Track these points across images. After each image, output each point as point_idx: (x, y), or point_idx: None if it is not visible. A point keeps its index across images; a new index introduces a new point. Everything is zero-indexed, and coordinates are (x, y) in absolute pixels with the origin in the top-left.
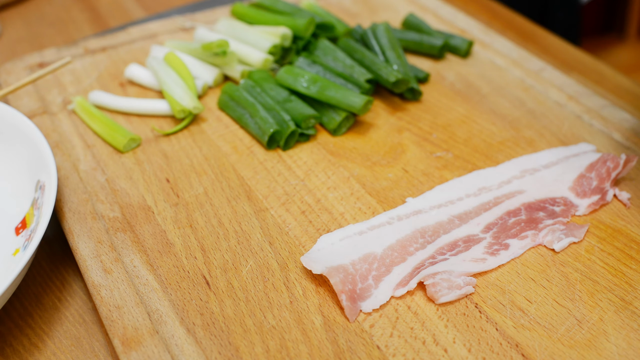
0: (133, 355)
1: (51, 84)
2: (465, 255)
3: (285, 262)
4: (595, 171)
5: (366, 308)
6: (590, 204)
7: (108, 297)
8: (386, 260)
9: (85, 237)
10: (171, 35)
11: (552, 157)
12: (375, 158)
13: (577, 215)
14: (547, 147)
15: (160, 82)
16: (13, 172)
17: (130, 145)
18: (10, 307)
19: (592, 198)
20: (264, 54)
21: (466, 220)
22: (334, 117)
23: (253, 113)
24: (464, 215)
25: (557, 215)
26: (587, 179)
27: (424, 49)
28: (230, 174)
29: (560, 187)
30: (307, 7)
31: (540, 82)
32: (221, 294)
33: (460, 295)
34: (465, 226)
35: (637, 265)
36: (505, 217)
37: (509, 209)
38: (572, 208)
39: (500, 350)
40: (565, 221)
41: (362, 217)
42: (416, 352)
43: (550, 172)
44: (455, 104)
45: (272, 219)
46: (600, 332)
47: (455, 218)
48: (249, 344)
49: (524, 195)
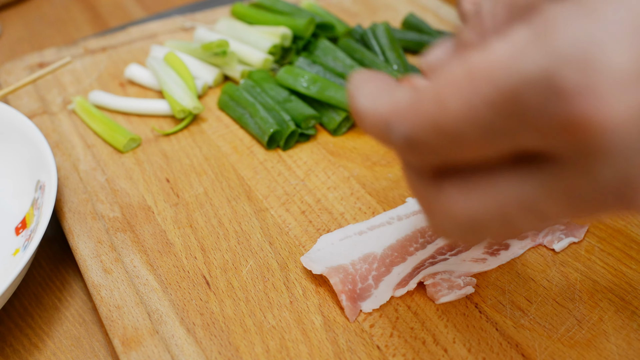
0: (133, 355)
1: (51, 84)
2: (465, 255)
3: (285, 262)
4: None
5: (366, 308)
6: None
7: (108, 297)
8: (386, 260)
9: (85, 237)
10: (171, 35)
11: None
12: (375, 158)
13: None
14: None
15: (160, 82)
16: (13, 172)
17: (130, 145)
18: (10, 307)
19: None
20: (264, 54)
21: None
22: (334, 117)
23: (253, 113)
24: None
25: None
26: None
27: (424, 49)
28: (230, 174)
29: None
30: (307, 7)
31: None
32: (221, 294)
33: (460, 295)
34: None
35: (637, 265)
36: None
37: None
38: None
39: (500, 350)
40: (565, 221)
41: (362, 217)
42: (416, 352)
43: None
44: None
45: (272, 219)
46: (600, 332)
47: None
48: (249, 344)
49: None
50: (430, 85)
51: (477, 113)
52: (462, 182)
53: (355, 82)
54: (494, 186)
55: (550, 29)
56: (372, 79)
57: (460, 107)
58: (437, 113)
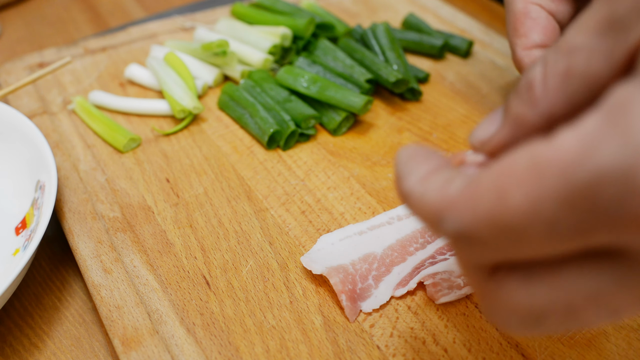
0: (133, 355)
1: (51, 84)
2: None
3: (285, 262)
4: None
5: (366, 308)
6: None
7: (108, 297)
8: (386, 260)
9: (85, 237)
10: (171, 35)
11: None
12: (375, 158)
13: None
14: None
15: (160, 82)
16: (13, 172)
17: (130, 145)
18: (10, 307)
19: None
20: (264, 54)
21: None
22: (334, 117)
23: (253, 113)
24: None
25: None
26: None
27: (424, 49)
28: (230, 174)
29: None
30: (307, 7)
31: None
32: (221, 294)
33: (460, 295)
34: None
35: None
36: None
37: None
38: None
39: (500, 350)
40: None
41: (362, 217)
42: (416, 352)
43: None
44: (455, 104)
45: (272, 219)
46: (600, 332)
47: None
48: (249, 344)
49: None
50: (487, 175)
51: (544, 209)
52: (524, 275)
53: (403, 160)
54: (560, 280)
55: (624, 115)
56: (422, 158)
57: (524, 203)
58: (496, 208)
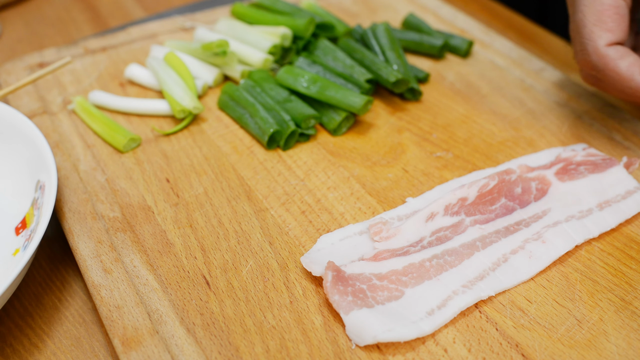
0: (133, 355)
1: (51, 84)
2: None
3: (285, 262)
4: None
5: None
6: None
7: (108, 297)
8: None
9: (85, 237)
10: (171, 35)
11: (552, 157)
12: (375, 158)
13: None
14: (547, 147)
15: (160, 82)
16: (13, 172)
17: (130, 145)
18: (10, 307)
19: None
20: (264, 54)
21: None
22: (334, 117)
23: (253, 113)
24: None
25: None
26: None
27: (424, 49)
28: (230, 174)
29: None
30: (307, 7)
31: (540, 82)
32: (221, 294)
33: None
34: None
35: (637, 265)
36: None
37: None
38: None
39: (500, 350)
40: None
41: (362, 217)
42: (416, 352)
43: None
44: (455, 104)
45: (272, 219)
46: (600, 332)
47: None
48: (249, 344)
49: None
50: None
51: None
52: None
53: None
54: None
55: None
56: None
57: None
58: None
